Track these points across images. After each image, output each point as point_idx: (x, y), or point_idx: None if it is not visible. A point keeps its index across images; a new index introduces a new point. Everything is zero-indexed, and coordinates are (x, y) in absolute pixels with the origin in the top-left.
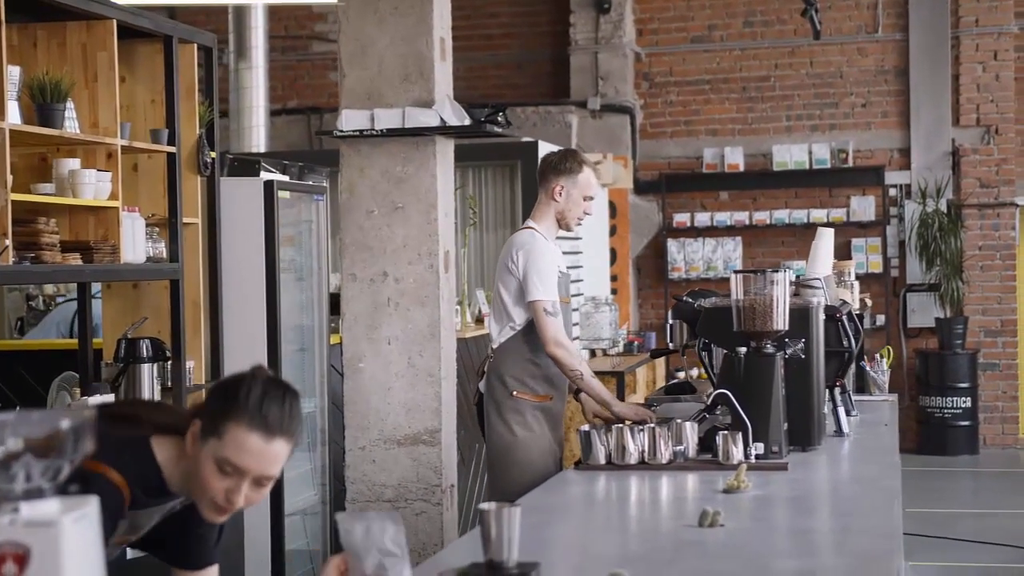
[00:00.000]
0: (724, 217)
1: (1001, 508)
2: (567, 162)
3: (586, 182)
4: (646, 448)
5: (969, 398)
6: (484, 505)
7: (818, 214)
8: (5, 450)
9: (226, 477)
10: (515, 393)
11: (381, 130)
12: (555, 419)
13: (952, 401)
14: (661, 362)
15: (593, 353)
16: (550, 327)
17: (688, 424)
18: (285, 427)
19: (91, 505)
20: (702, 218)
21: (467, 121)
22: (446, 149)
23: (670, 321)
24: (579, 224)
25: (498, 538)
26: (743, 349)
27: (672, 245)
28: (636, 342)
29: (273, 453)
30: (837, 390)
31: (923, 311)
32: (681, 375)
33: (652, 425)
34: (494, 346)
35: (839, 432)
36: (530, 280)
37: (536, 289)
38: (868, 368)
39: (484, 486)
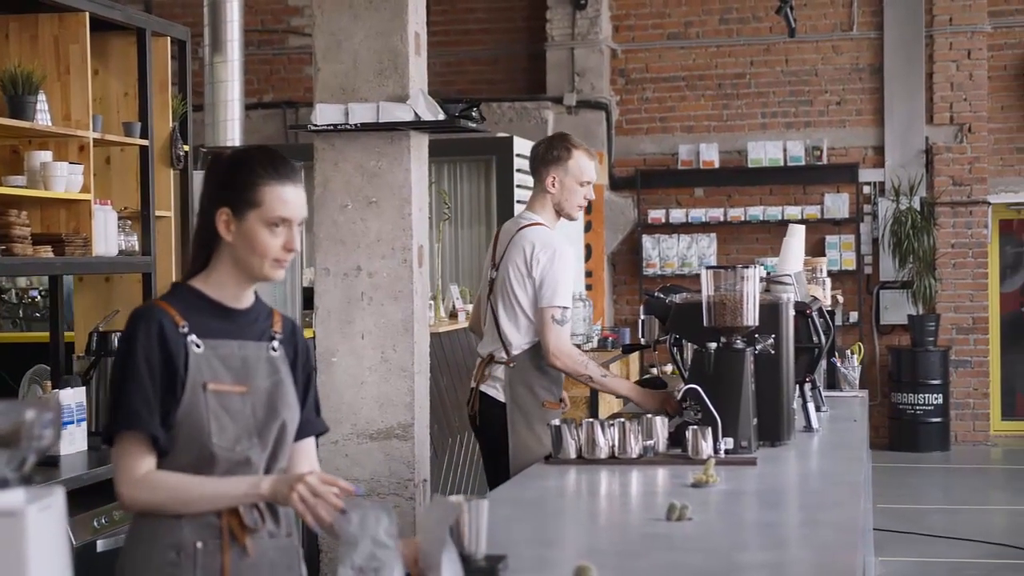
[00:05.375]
0: (699, 214)
1: (971, 504)
2: (554, 150)
3: (578, 168)
4: (616, 443)
5: (940, 395)
6: (453, 498)
7: (792, 211)
8: None
9: (278, 234)
10: (545, 404)
11: (355, 124)
12: None
13: (924, 398)
14: (635, 358)
15: None
16: (552, 336)
17: (659, 419)
18: (297, 174)
19: (56, 496)
20: (677, 214)
21: (441, 116)
22: (420, 144)
23: (642, 317)
24: (580, 211)
25: (467, 531)
26: (713, 345)
27: (647, 241)
28: (611, 338)
29: (303, 196)
30: (807, 386)
31: (896, 308)
32: (654, 371)
33: (623, 420)
34: (513, 351)
35: (809, 428)
36: (547, 284)
37: (551, 295)
38: (839, 364)
39: (456, 480)
